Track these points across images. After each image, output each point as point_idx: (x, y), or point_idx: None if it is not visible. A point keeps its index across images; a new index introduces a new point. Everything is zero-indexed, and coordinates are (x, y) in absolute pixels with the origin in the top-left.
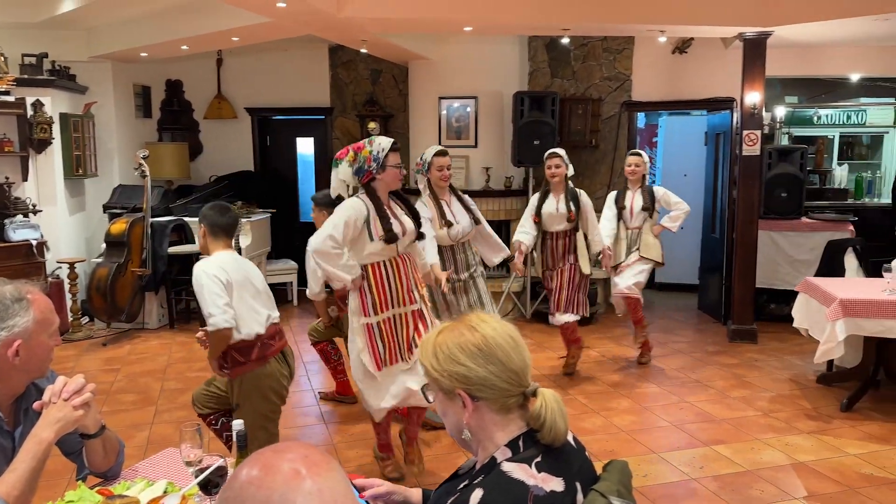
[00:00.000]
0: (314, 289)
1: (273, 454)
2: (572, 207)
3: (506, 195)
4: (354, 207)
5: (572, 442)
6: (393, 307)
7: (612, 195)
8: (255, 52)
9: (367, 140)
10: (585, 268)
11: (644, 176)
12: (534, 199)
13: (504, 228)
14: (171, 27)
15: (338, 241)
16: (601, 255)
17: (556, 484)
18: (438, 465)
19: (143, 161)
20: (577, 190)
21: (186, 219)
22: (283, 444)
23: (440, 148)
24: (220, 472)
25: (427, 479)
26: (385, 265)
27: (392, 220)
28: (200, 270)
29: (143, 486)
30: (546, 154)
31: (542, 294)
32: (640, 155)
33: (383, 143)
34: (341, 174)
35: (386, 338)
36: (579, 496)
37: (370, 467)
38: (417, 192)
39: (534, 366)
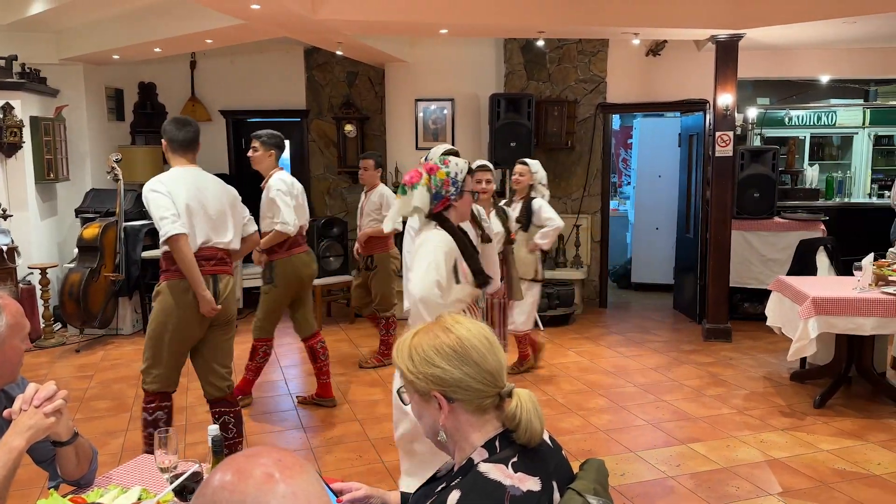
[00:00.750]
0: None
1: (246, 459)
2: (511, 227)
3: None
4: (446, 242)
5: (549, 441)
6: None
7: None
8: (229, 55)
9: (439, 159)
10: (518, 294)
11: (531, 186)
12: None
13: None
14: (143, 29)
15: (443, 285)
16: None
17: (532, 483)
18: None
19: (115, 164)
20: (505, 208)
21: None
22: (256, 448)
23: (482, 162)
24: (196, 477)
25: None
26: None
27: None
28: (147, 187)
29: (117, 494)
30: (476, 166)
31: None
32: (525, 164)
33: (460, 163)
34: (418, 201)
35: None
36: (556, 495)
37: (349, 471)
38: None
39: (514, 366)
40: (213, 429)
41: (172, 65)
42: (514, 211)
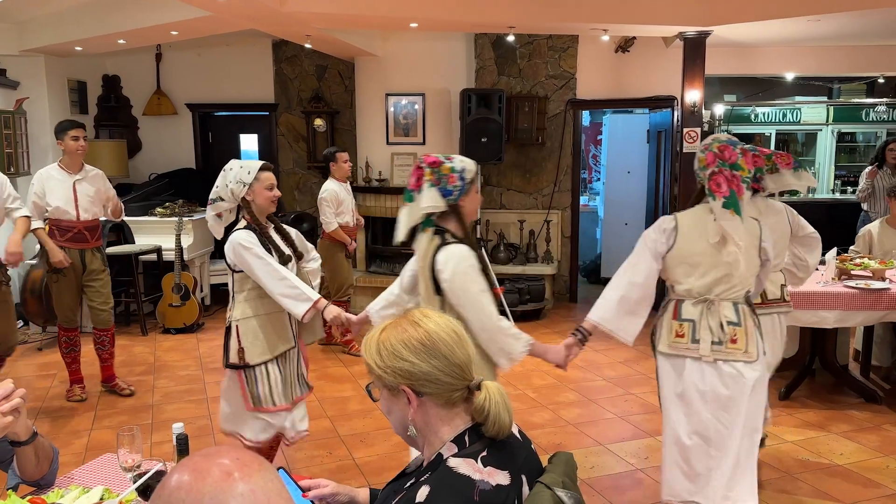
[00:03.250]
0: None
1: (203, 459)
2: None
3: None
4: (472, 255)
5: (518, 435)
6: None
7: None
8: (195, 47)
9: (438, 154)
10: None
11: None
12: None
13: None
14: (106, 20)
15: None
16: None
17: (501, 477)
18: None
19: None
20: None
21: (125, 218)
22: (214, 448)
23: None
24: (159, 476)
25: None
26: None
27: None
28: None
29: (78, 494)
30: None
31: None
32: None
33: (466, 160)
34: (428, 201)
35: None
36: (525, 489)
37: (319, 468)
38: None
39: None
40: (178, 427)
41: (137, 57)
42: None
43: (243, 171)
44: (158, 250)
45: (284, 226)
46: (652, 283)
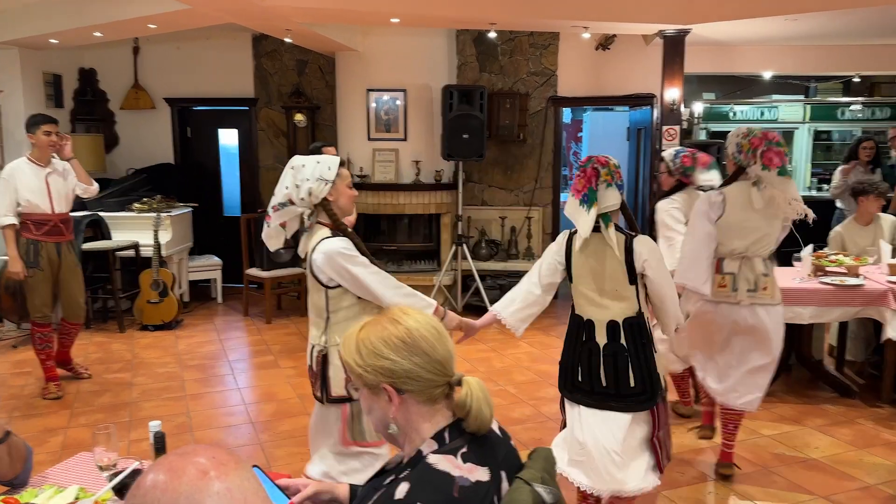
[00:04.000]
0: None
1: (178, 457)
2: None
3: (436, 189)
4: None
5: (497, 431)
6: None
7: None
8: (174, 41)
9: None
10: None
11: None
12: None
13: (435, 222)
14: (82, 13)
15: None
16: None
17: (481, 473)
18: None
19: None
20: None
21: (102, 214)
22: (190, 447)
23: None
24: (136, 475)
25: None
26: None
27: None
28: None
29: (53, 493)
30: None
31: (472, 287)
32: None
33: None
34: (613, 199)
35: None
36: (504, 484)
37: (299, 465)
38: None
39: (464, 357)
40: (155, 425)
41: (114, 50)
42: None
43: (322, 166)
44: (136, 246)
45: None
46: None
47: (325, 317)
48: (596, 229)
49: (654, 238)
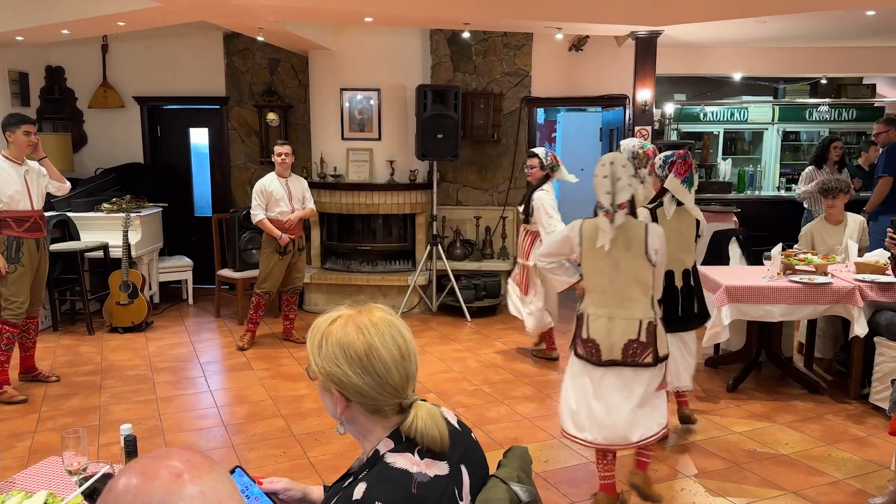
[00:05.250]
0: None
1: (151, 461)
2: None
3: (410, 189)
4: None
5: (456, 425)
6: None
7: None
8: (143, 38)
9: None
10: None
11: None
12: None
13: (409, 222)
14: (49, 10)
15: None
16: None
17: (439, 468)
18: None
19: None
20: None
21: (70, 214)
22: (162, 450)
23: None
24: (107, 479)
25: None
26: None
27: None
28: None
29: (21, 499)
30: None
31: (447, 287)
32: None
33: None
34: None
35: None
36: (465, 478)
37: (273, 468)
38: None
39: (440, 358)
40: (126, 428)
41: (82, 48)
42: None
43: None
44: (105, 247)
45: None
46: None
47: (651, 294)
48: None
49: None
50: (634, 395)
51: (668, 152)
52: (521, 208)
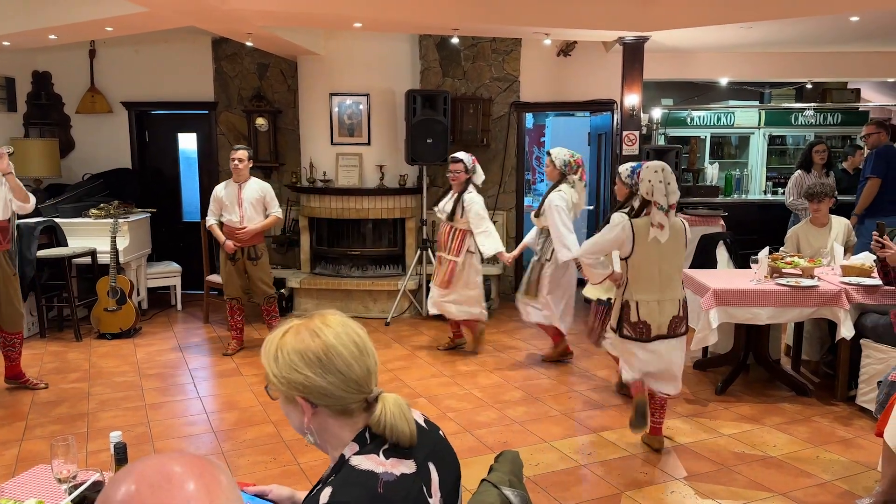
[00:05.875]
0: None
1: (162, 464)
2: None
3: (400, 193)
4: None
5: (423, 423)
6: None
7: None
8: (131, 43)
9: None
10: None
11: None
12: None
13: (399, 226)
14: (36, 14)
15: None
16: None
17: (405, 467)
18: None
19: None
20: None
21: (57, 220)
22: (164, 455)
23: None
24: (97, 487)
25: None
26: None
27: None
28: None
29: None
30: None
31: None
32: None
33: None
34: None
35: None
36: (433, 475)
37: (263, 474)
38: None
39: (430, 362)
40: (116, 435)
41: (70, 53)
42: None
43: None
44: (93, 253)
45: None
46: None
47: (681, 277)
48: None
49: None
50: (675, 360)
51: (635, 163)
52: (437, 208)
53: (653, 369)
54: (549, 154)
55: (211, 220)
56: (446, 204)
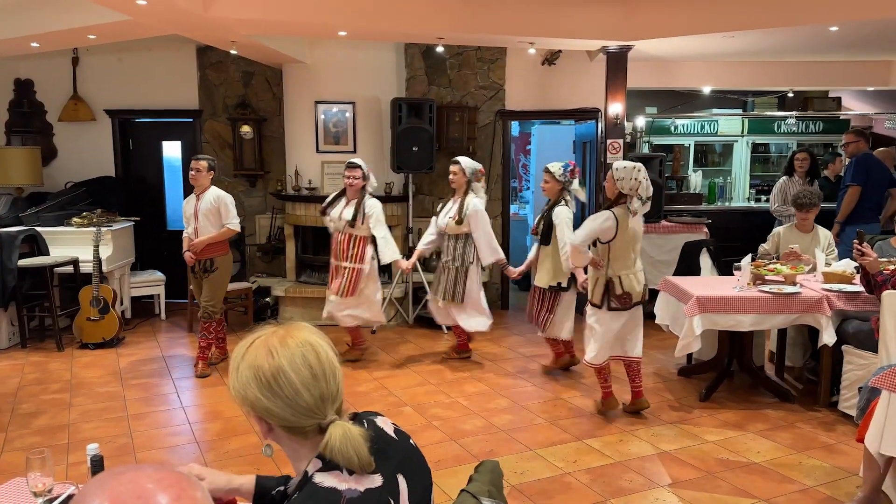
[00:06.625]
0: None
1: (135, 480)
2: None
3: (386, 201)
4: None
5: (393, 434)
6: None
7: None
8: (115, 51)
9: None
10: None
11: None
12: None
13: None
14: (18, 22)
15: None
16: None
17: (370, 481)
18: None
19: None
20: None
21: (39, 228)
22: (141, 470)
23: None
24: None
25: None
26: None
27: None
28: None
29: None
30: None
31: (423, 300)
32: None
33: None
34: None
35: None
36: (402, 486)
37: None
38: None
39: (417, 371)
40: (93, 448)
41: (52, 60)
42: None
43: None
44: (75, 262)
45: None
46: None
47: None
48: None
49: None
50: (641, 321)
51: (564, 162)
52: (330, 217)
53: (628, 335)
54: (547, 171)
55: (186, 230)
56: (344, 211)
